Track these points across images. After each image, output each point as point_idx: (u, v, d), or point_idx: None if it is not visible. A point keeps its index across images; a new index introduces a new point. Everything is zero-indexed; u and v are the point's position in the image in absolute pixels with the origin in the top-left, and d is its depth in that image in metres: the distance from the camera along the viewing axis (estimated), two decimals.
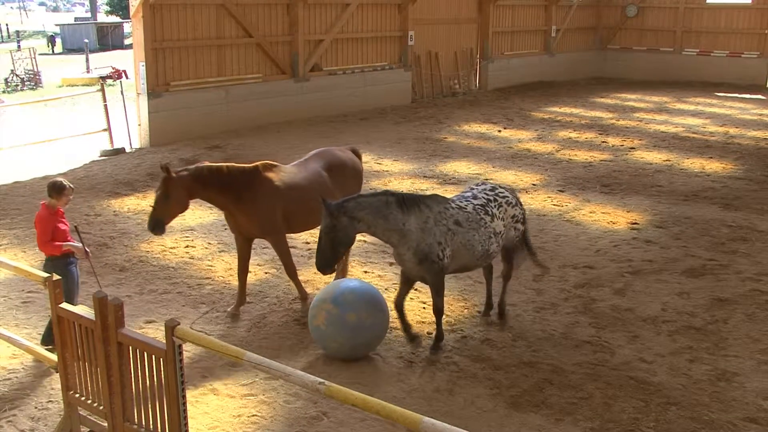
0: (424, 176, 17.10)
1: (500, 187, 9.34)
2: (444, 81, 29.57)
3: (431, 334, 9.19)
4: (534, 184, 16.49)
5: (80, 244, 8.49)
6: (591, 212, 14.44)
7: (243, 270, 9.87)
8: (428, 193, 10.25)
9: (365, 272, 11.25)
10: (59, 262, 8.43)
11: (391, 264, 11.54)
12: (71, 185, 8.73)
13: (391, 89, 27.05)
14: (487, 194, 9.01)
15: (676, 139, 21.83)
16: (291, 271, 9.93)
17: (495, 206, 8.88)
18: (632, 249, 12.43)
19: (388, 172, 17.51)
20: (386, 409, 4.79)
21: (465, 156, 19.31)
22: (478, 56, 31.05)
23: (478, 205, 8.78)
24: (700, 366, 8.54)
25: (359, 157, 11.07)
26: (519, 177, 17.12)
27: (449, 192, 15.61)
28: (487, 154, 19.62)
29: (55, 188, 8.57)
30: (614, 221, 13.90)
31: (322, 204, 7.91)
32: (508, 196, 9.15)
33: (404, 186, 16.14)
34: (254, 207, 9.33)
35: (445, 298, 10.04)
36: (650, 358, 8.72)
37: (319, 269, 8.11)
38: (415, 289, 10.57)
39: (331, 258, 8.01)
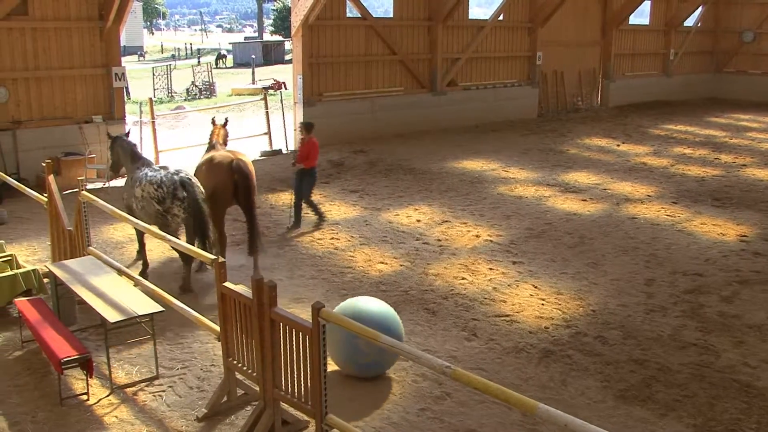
0: (547, 184, 16.78)
1: (168, 172, 9.75)
2: (568, 98, 28.95)
3: (548, 328, 9.04)
4: (649, 196, 15.92)
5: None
6: (702, 224, 13.81)
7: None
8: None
9: (490, 269, 11.14)
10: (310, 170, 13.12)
11: (514, 263, 11.40)
12: (305, 123, 13.47)
13: (520, 104, 26.69)
14: (155, 170, 9.88)
15: None
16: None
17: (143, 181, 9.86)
18: (741, 260, 11.82)
19: (515, 179, 17.28)
20: (505, 393, 4.70)
21: (585, 167, 18.84)
22: (600, 76, 30.27)
23: (146, 174, 9.86)
24: None
25: (242, 167, 10.69)
26: (635, 188, 16.56)
27: (569, 200, 15.34)
28: (606, 166, 19.09)
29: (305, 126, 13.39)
30: (724, 233, 13.25)
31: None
32: (142, 178, 9.79)
33: (528, 192, 15.90)
34: None
35: (561, 296, 9.98)
36: (754, 363, 8.26)
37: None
38: (536, 287, 10.45)
39: (114, 164, 10.90)
